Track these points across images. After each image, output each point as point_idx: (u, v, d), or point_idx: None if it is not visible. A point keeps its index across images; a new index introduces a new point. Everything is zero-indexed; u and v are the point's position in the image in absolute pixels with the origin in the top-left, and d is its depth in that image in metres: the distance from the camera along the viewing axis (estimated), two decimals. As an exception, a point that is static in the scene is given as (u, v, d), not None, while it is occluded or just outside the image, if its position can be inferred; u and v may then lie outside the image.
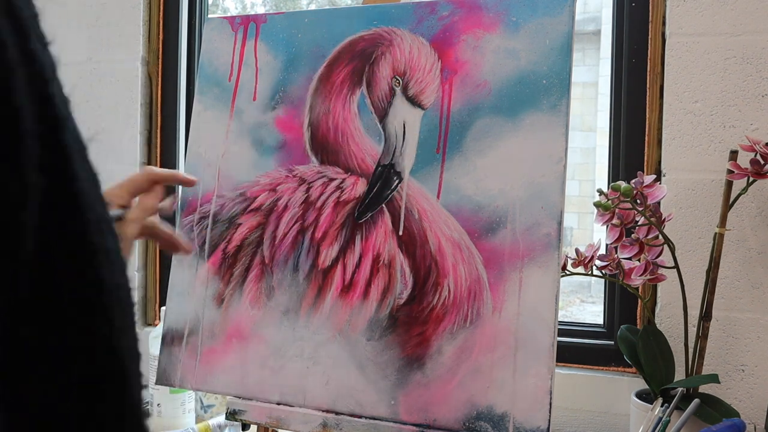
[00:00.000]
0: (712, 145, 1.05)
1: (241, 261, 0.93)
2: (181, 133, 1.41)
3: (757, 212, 1.03)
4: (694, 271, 1.03)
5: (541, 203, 0.80)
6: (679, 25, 1.07)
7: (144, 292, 1.39)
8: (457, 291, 0.82)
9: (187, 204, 0.98)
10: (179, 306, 0.95)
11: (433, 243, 0.85)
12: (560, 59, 0.83)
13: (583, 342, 1.17)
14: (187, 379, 0.93)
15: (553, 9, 0.84)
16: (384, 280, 0.86)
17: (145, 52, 1.39)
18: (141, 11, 1.37)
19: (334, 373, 0.85)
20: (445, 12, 0.89)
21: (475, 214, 0.83)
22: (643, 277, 0.95)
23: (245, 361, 0.90)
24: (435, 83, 0.88)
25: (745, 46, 1.03)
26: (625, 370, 1.13)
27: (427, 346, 0.82)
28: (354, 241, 0.88)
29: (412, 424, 0.81)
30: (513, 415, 0.77)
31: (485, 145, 0.84)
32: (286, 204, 0.92)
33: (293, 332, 0.88)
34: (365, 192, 0.89)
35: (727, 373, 1.04)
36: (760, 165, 0.93)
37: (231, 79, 0.99)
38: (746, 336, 1.04)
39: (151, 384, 1.10)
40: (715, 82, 1.05)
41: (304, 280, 0.89)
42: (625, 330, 1.02)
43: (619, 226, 0.96)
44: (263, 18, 0.99)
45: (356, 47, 0.93)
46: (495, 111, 0.84)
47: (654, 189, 0.93)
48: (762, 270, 1.03)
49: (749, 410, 1.03)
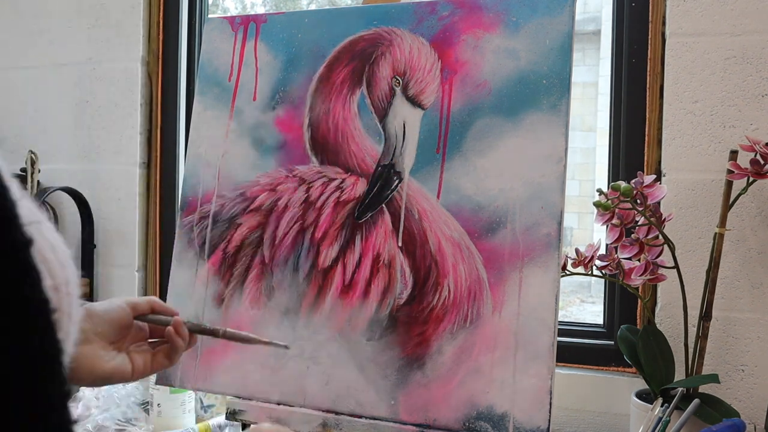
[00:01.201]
0: (712, 145, 1.05)
1: (241, 261, 0.93)
2: (181, 133, 1.41)
3: (757, 212, 1.03)
4: (694, 271, 1.03)
5: (541, 203, 0.80)
6: (679, 25, 1.07)
7: (144, 292, 1.39)
8: (457, 291, 0.82)
9: (187, 204, 0.98)
10: (179, 306, 0.95)
11: (433, 243, 0.85)
12: (560, 59, 0.83)
13: (583, 342, 1.17)
14: (187, 379, 0.93)
15: (553, 9, 0.84)
16: (384, 280, 0.86)
17: (145, 52, 1.39)
18: (141, 11, 1.37)
19: (334, 373, 0.85)
20: (445, 12, 0.89)
21: (475, 214, 0.83)
22: (643, 277, 0.95)
23: (245, 361, 0.90)
24: (435, 83, 0.88)
25: (745, 46, 1.03)
26: (625, 370, 1.13)
27: (427, 346, 0.82)
28: (354, 241, 0.88)
29: (412, 424, 0.81)
30: (513, 415, 0.77)
31: (485, 145, 0.84)
32: (286, 204, 0.92)
33: (293, 332, 0.88)
34: (365, 192, 0.89)
35: (727, 373, 1.04)
36: (760, 165, 0.93)
37: (231, 79, 0.99)
38: (746, 336, 1.04)
39: (151, 384, 1.10)
40: (715, 82, 1.05)
41: (304, 280, 0.89)
42: (625, 330, 1.02)
43: (619, 226, 0.96)
44: (263, 18, 0.99)
45: (356, 47, 0.93)
46: (495, 111, 0.84)
47: (654, 189, 0.93)
48: (762, 270, 1.03)
49: (749, 410, 1.03)
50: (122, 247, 1.38)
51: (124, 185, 1.37)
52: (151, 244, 1.39)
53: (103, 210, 1.38)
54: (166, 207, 1.39)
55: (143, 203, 1.39)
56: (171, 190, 1.39)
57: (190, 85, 1.41)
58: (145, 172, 1.39)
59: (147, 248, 1.39)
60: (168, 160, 1.39)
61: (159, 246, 1.39)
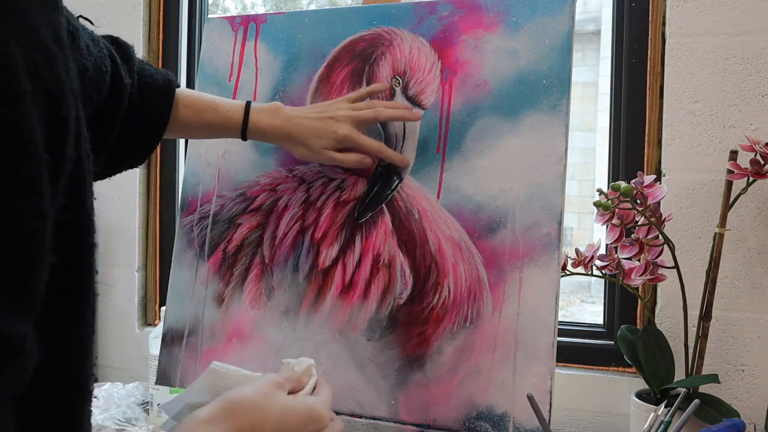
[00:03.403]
0: (712, 145, 1.05)
1: (241, 261, 0.93)
2: (181, 133, 1.41)
3: (757, 212, 1.03)
4: (694, 271, 1.03)
5: (541, 203, 0.80)
6: (679, 25, 1.07)
7: (144, 292, 1.39)
8: (457, 291, 0.82)
9: (187, 204, 0.98)
10: (179, 306, 0.95)
11: (433, 243, 0.85)
12: (560, 59, 0.83)
13: (583, 342, 1.17)
14: (187, 379, 0.93)
15: (553, 9, 0.84)
16: (384, 280, 0.86)
17: (145, 52, 1.39)
18: (141, 11, 1.37)
19: (334, 373, 0.85)
20: (445, 12, 0.89)
21: (475, 214, 0.83)
22: (643, 277, 0.95)
23: (245, 361, 0.90)
24: (435, 83, 0.88)
25: (745, 46, 1.03)
26: (625, 370, 1.13)
27: (427, 346, 0.82)
28: (354, 241, 0.88)
29: (412, 424, 0.81)
30: (513, 415, 0.77)
31: (485, 145, 0.84)
32: (286, 204, 0.92)
33: (293, 332, 0.88)
34: (365, 192, 0.89)
35: (727, 373, 1.04)
36: (760, 165, 0.93)
37: (231, 79, 0.99)
38: (746, 336, 1.04)
39: (151, 384, 1.10)
40: (715, 82, 1.05)
41: (304, 280, 0.89)
42: (625, 330, 1.02)
43: (619, 226, 0.96)
44: (263, 18, 0.99)
45: (356, 47, 0.93)
46: (495, 111, 0.84)
47: (654, 189, 0.93)
48: (762, 270, 1.03)
49: (749, 410, 1.03)
50: (122, 247, 1.38)
51: (124, 185, 1.37)
52: (151, 244, 1.39)
53: (103, 210, 1.38)
54: (166, 207, 1.39)
55: (143, 203, 1.39)
56: (171, 190, 1.39)
57: (190, 85, 1.41)
58: (145, 172, 1.39)
59: (147, 248, 1.39)
60: (168, 160, 1.39)
61: (159, 246, 1.39)
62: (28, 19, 0.33)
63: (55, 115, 0.34)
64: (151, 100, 0.78)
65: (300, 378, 0.62)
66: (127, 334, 1.37)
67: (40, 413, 0.38)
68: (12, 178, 0.31)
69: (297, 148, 0.84)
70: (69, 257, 0.38)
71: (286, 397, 0.58)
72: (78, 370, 0.40)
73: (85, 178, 0.40)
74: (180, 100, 0.81)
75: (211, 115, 0.83)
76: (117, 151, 0.76)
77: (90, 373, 0.41)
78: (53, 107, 0.34)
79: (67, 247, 0.37)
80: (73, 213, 0.38)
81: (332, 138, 0.82)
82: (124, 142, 0.76)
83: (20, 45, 0.31)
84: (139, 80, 0.77)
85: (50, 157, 0.33)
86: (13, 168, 0.31)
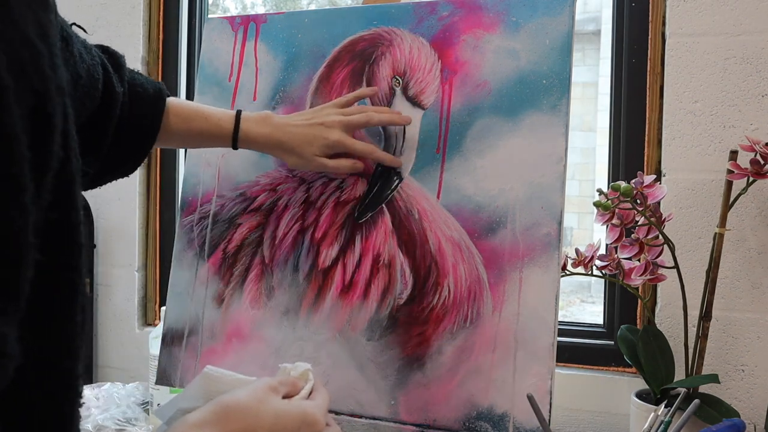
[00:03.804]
0: (712, 145, 1.05)
1: (241, 261, 0.93)
2: (181, 133, 1.41)
3: (757, 212, 1.03)
4: (694, 271, 1.03)
5: (541, 203, 0.80)
6: (679, 25, 1.07)
7: (144, 292, 1.39)
8: (457, 291, 0.82)
9: (187, 204, 0.98)
10: (179, 306, 0.95)
11: (433, 243, 0.85)
12: (560, 59, 0.83)
13: (583, 342, 1.17)
14: (187, 379, 0.93)
15: (553, 9, 0.84)
16: (384, 280, 0.86)
17: (145, 52, 1.39)
18: (141, 11, 1.37)
19: (334, 373, 0.85)
20: (445, 12, 0.89)
21: (475, 214, 0.83)
22: (643, 277, 0.95)
23: (245, 361, 0.90)
24: (435, 83, 0.88)
25: (745, 46, 1.03)
26: (625, 370, 1.13)
27: (427, 346, 0.82)
28: (354, 241, 0.88)
29: (412, 424, 0.81)
30: (513, 415, 0.77)
31: (485, 145, 0.84)
32: (286, 204, 0.92)
33: (293, 332, 0.88)
34: (365, 192, 0.89)
35: (727, 373, 1.04)
36: (760, 165, 0.93)
37: (231, 79, 0.99)
38: (746, 336, 1.04)
39: (151, 384, 1.10)
40: (715, 82, 1.05)
41: (304, 280, 0.89)
42: (625, 330, 1.02)
43: (619, 226, 0.96)
44: (263, 18, 0.99)
45: (356, 47, 0.93)
46: (495, 111, 0.84)
47: (654, 189, 0.93)
48: (762, 270, 1.03)
49: (749, 410, 1.03)
50: (122, 247, 1.37)
51: (124, 185, 1.37)
52: (151, 244, 1.39)
53: (103, 210, 1.38)
54: (166, 207, 1.39)
55: (143, 203, 1.39)
56: (171, 190, 1.39)
57: (190, 85, 1.41)
58: (145, 172, 1.39)
59: (147, 248, 1.39)
60: (168, 160, 1.39)
61: (159, 246, 1.39)
62: (11, 14, 0.32)
63: (41, 112, 0.34)
64: (141, 108, 0.78)
65: (295, 382, 0.61)
66: (127, 334, 1.37)
67: (27, 412, 0.37)
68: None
69: (288, 157, 0.84)
70: (58, 256, 0.38)
71: (280, 401, 0.58)
72: (67, 369, 0.40)
73: (73, 177, 0.39)
74: (170, 109, 0.81)
75: (202, 123, 0.83)
76: (109, 159, 0.75)
77: (79, 373, 0.41)
78: (38, 104, 0.34)
79: (55, 245, 0.37)
80: (61, 211, 0.38)
81: (323, 144, 0.82)
82: (115, 151, 0.76)
83: (1, 40, 0.31)
84: (129, 89, 0.76)
85: (35, 153, 0.33)
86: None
